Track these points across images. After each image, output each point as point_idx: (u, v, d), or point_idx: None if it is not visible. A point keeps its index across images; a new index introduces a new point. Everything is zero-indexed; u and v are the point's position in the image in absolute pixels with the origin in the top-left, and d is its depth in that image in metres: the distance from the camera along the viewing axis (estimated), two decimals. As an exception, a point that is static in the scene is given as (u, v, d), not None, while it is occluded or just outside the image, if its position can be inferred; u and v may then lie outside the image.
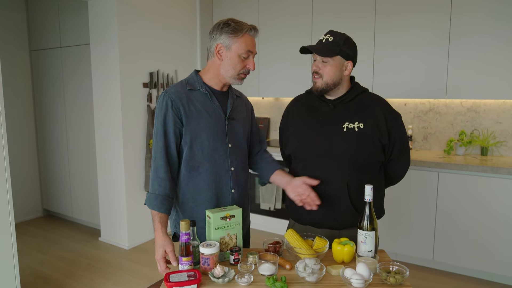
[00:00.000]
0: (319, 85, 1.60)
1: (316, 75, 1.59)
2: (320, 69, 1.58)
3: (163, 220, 1.49)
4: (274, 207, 3.75)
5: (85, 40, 3.77)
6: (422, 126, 3.55)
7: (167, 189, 1.51)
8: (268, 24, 3.95)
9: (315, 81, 1.61)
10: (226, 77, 1.54)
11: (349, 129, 1.58)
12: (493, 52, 2.93)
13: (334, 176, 1.59)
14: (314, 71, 1.60)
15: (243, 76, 1.55)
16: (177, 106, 1.51)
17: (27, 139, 4.38)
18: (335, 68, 1.56)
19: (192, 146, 1.54)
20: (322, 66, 1.57)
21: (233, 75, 1.53)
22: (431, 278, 3.00)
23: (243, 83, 1.58)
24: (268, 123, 4.37)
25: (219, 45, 1.51)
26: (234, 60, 1.50)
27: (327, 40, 1.57)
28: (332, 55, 1.55)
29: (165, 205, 1.50)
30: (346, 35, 1.59)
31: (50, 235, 3.95)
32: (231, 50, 1.50)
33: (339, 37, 1.57)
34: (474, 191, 2.85)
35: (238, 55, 1.50)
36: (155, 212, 1.49)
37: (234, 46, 1.49)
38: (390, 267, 1.36)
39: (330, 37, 1.57)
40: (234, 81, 1.55)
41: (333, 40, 1.56)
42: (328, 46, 1.56)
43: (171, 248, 1.44)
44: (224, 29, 1.49)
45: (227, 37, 1.49)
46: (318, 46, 1.58)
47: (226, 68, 1.52)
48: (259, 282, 1.33)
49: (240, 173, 1.64)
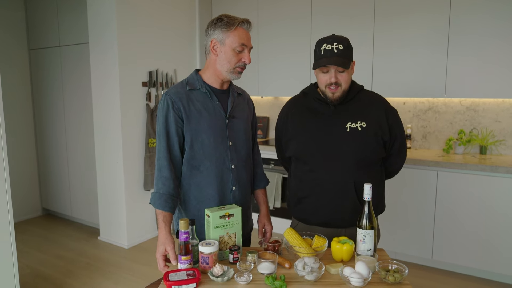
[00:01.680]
0: (339, 94, 1.58)
1: (334, 86, 1.57)
2: (338, 80, 1.56)
3: (167, 218, 1.51)
4: (274, 206, 3.75)
5: (84, 39, 3.77)
6: (421, 125, 3.55)
7: (171, 188, 1.53)
8: (267, 23, 3.95)
9: (333, 92, 1.58)
10: (222, 72, 1.55)
11: (353, 129, 1.59)
12: (492, 51, 2.93)
13: (340, 176, 1.60)
14: (334, 82, 1.56)
15: (239, 70, 1.56)
16: (177, 106, 1.53)
17: (26, 138, 4.37)
18: (350, 73, 1.59)
19: (193, 145, 1.56)
20: (340, 76, 1.56)
21: (229, 69, 1.54)
22: (430, 277, 3.00)
23: (240, 78, 1.58)
24: (267, 122, 4.37)
25: (213, 41, 1.52)
26: (228, 54, 1.51)
27: (338, 49, 1.53)
28: (350, 63, 1.56)
29: (169, 204, 1.52)
30: (346, 37, 1.60)
31: (49, 234, 3.95)
32: (225, 44, 1.51)
33: (346, 42, 1.57)
34: (473, 190, 2.86)
35: (232, 49, 1.51)
36: (159, 211, 1.51)
37: (228, 40, 1.50)
38: (389, 265, 1.37)
39: (339, 45, 1.54)
40: (231, 76, 1.56)
41: (344, 48, 1.54)
42: (344, 55, 1.54)
43: (172, 247, 1.45)
44: (217, 24, 1.51)
45: (220, 32, 1.50)
46: (335, 58, 1.53)
47: (221, 62, 1.53)
48: (258, 281, 1.33)
49: (241, 171, 1.65)
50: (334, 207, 1.62)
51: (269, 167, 3.78)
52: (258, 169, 1.84)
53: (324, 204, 1.63)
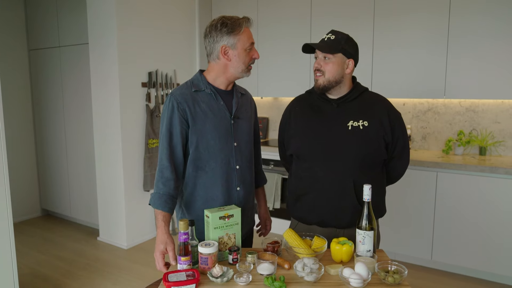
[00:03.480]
0: (321, 82, 1.60)
1: (318, 73, 1.61)
2: (322, 66, 1.59)
3: (166, 219, 1.51)
4: (273, 207, 3.75)
5: (84, 39, 3.77)
6: (420, 126, 3.55)
7: (171, 189, 1.53)
8: (267, 24, 3.95)
9: (317, 79, 1.62)
10: (237, 74, 1.57)
11: (354, 128, 1.59)
12: (491, 52, 2.94)
13: (340, 175, 1.60)
14: (316, 68, 1.61)
15: (250, 67, 1.60)
16: (183, 107, 1.53)
17: (25, 138, 4.37)
18: (337, 65, 1.58)
19: (198, 146, 1.56)
20: (324, 63, 1.59)
21: (243, 70, 1.57)
22: (429, 278, 3.00)
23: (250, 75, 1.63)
24: (267, 123, 4.37)
25: (224, 47, 1.52)
26: (242, 56, 1.54)
27: (329, 39, 1.59)
28: (333, 52, 1.57)
29: (168, 204, 1.52)
30: (348, 34, 1.62)
31: (48, 235, 3.95)
32: (237, 48, 1.52)
33: (341, 35, 1.60)
34: (472, 191, 2.86)
35: (244, 50, 1.54)
36: (158, 211, 1.51)
37: (239, 43, 1.52)
38: (388, 266, 1.36)
39: (332, 35, 1.60)
40: (245, 75, 1.60)
41: (335, 38, 1.58)
42: (330, 44, 1.58)
43: (172, 247, 1.46)
44: (223, 29, 1.50)
45: (229, 37, 1.51)
46: (320, 43, 1.60)
47: (236, 65, 1.55)
48: (258, 281, 1.33)
49: (245, 171, 1.66)
50: (332, 206, 1.61)
51: (268, 167, 3.78)
52: (258, 167, 1.86)
53: (322, 202, 1.63)
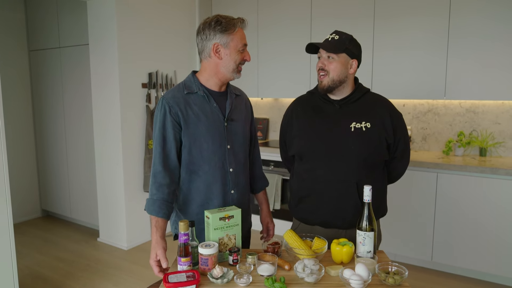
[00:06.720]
0: (326, 82, 1.60)
1: (322, 72, 1.61)
2: (325, 66, 1.59)
3: (159, 224, 1.50)
4: (273, 208, 3.75)
5: (84, 40, 3.77)
6: (421, 126, 3.55)
7: (165, 194, 1.52)
8: (267, 25, 3.95)
9: (321, 80, 1.62)
10: (227, 73, 1.55)
11: (357, 129, 1.60)
12: (492, 53, 2.94)
13: (343, 176, 1.60)
14: (319, 68, 1.61)
15: (240, 68, 1.57)
16: (175, 111, 1.51)
17: (25, 139, 4.37)
18: (341, 65, 1.58)
19: (191, 150, 1.55)
20: (328, 62, 1.59)
21: (234, 70, 1.55)
22: (429, 279, 3.00)
23: (240, 79, 1.61)
24: (267, 123, 4.37)
25: (216, 45, 1.51)
26: (233, 56, 1.52)
27: (333, 39, 1.59)
28: (338, 51, 1.57)
29: (163, 210, 1.51)
30: (351, 35, 1.62)
31: (48, 236, 3.95)
32: (229, 47, 1.51)
33: (345, 36, 1.60)
34: (472, 192, 2.86)
35: (236, 50, 1.52)
36: (152, 216, 1.51)
37: (232, 43, 1.51)
38: (389, 267, 1.36)
39: (336, 35, 1.60)
40: (234, 75, 1.57)
41: (339, 39, 1.59)
42: (334, 44, 1.58)
43: (162, 251, 1.45)
44: (217, 27, 1.49)
45: (222, 35, 1.49)
46: (324, 43, 1.60)
47: (226, 65, 1.53)
48: (258, 282, 1.33)
49: (239, 174, 1.64)
50: (335, 207, 1.62)
51: (269, 168, 3.78)
52: (258, 170, 1.84)
53: (325, 203, 1.63)
